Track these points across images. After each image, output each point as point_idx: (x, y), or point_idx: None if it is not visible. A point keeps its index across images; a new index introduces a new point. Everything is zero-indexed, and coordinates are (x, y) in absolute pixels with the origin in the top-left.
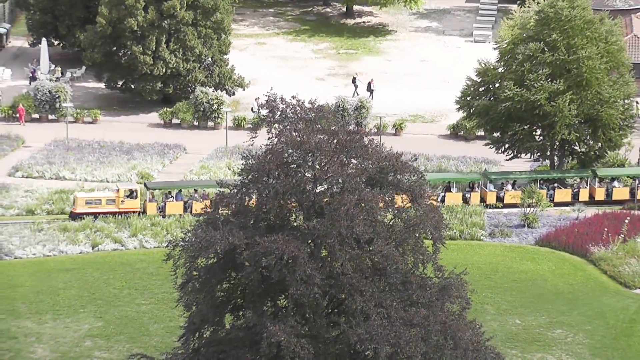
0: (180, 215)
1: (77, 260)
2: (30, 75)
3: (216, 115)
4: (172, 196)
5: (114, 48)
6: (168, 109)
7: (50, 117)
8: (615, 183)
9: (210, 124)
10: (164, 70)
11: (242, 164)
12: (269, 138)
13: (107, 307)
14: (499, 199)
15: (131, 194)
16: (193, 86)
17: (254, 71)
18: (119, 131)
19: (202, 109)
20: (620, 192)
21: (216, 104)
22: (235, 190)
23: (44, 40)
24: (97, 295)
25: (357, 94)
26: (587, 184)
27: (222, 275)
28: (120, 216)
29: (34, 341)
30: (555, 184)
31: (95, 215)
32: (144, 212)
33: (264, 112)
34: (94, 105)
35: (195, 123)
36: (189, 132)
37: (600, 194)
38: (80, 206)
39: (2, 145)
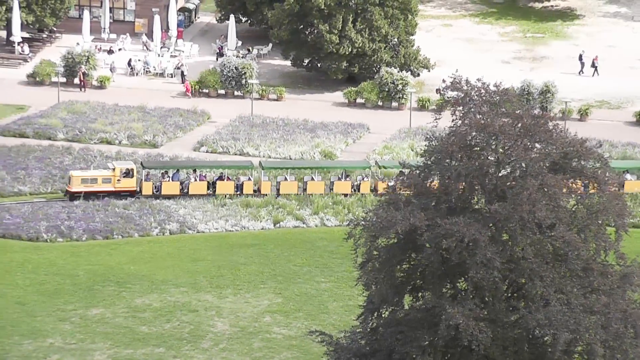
0: (177, 196)
1: (258, 236)
2: (218, 51)
3: (400, 95)
4: (168, 176)
5: (301, 26)
6: (353, 88)
7: (235, 93)
8: None
9: (394, 104)
10: (349, 50)
11: (425, 146)
12: (452, 120)
13: (286, 283)
14: None
15: (127, 173)
16: (378, 66)
17: (440, 53)
18: (304, 109)
19: (386, 89)
20: None
21: (401, 84)
22: (418, 172)
23: (232, 17)
24: (277, 272)
25: (583, 72)
26: None
27: (402, 256)
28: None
29: (214, 315)
30: None
31: (90, 194)
32: (140, 191)
33: (449, 94)
34: (279, 82)
35: (380, 103)
36: (372, 112)
37: None
38: (76, 185)
39: (188, 120)
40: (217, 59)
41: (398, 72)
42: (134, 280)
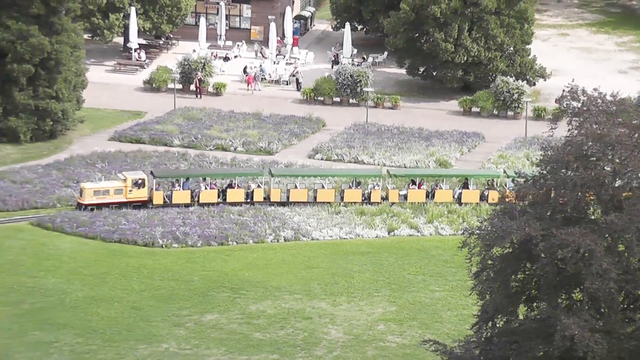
0: (188, 205)
1: (372, 244)
2: (333, 59)
3: (516, 104)
4: (179, 185)
5: (417, 34)
6: (468, 97)
7: (350, 101)
8: None
9: (510, 113)
10: (465, 58)
11: (541, 155)
12: (568, 130)
13: (401, 292)
14: None
15: (139, 183)
16: (494, 75)
17: (556, 62)
18: (419, 117)
19: (502, 98)
20: None
21: (517, 93)
22: (533, 181)
23: (347, 25)
24: (391, 280)
25: None
26: None
27: (517, 266)
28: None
29: (328, 322)
30: None
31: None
32: (151, 201)
33: (565, 103)
34: (394, 90)
35: (495, 112)
36: (488, 121)
37: None
38: (88, 197)
39: (303, 127)
40: (332, 67)
41: (514, 81)
42: (248, 287)
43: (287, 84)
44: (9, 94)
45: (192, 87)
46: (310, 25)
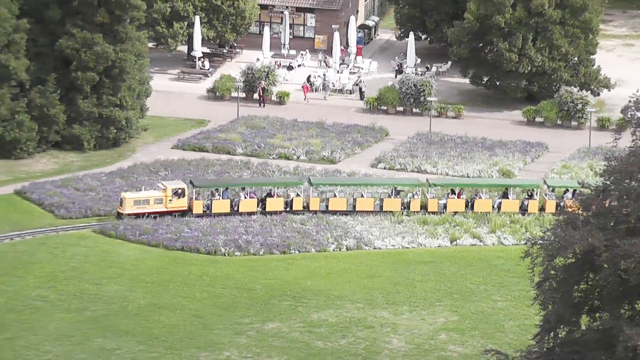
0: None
1: (435, 254)
2: (397, 68)
3: (580, 115)
4: (218, 194)
5: (480, 44)
6: (532, 107)
7: (414, 110)
8: None
9: (573, 123)
10: (529, 68)
11: (605, 165)
12: (633, 140)
13: (463, 301)
14: None
15: (178, 193)
16: (558, 85)
17: (620, 72)
18: (482, 127)
19: (566, 108)
20: None
21: (581, 103)
22: (596, 192)
23: (411, 35)
24: (453, 289)
25: None
26: None
27: (579, 276)
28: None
29: (390, 331)
30: None
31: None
32: (190, 210)
33: (630, 113)
34: (457, 100)
35: (559, 122)
36: (551, 131)
37: None
38: (129, 206)
39: (366, 136)
40: (395, 76)
41: (578, 91)
42: (310, 295)
43: (350, 93)
44: (74, 102)
45: (256, 95)
46: (374, 34)
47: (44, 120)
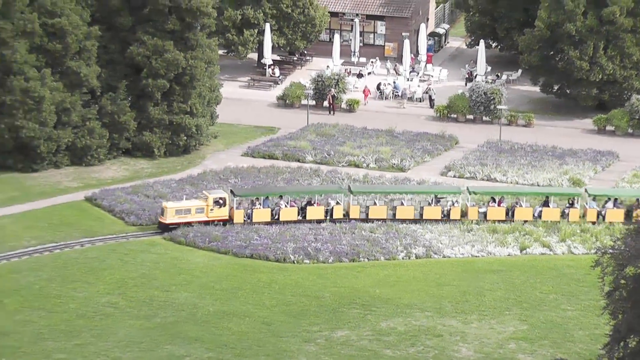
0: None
1: (504, 262)
2: (467, 76)
3: None
4: (259, 203)
5: (551, 52)
6: (603, 115)
7: (484, 118)
8: None
9: None
10: (600, 76)
11: None
12: None
13: (532, 310)
14: None
15: (220, 202)
16: (629, 93)
17: None
18: (552, 136)
19: (637, 117)
20: None
21: None
22: None
23: (481, 42)
24: (522, 298)
25: None
26: None
27: None
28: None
29: (459, 340)
30: None
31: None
32: (231, 219)
33: None
34: (528, 108)
35: (630, 131)
36: (622, 140)
37: None
38: (170, 216)
39: (436, 144)
40: (466, 84)
41: None
42: (379, 303)
43: (420, 101)
44: (144, 109)
45: (325, 103)
46: (445, 42)
47: (114, 127)
